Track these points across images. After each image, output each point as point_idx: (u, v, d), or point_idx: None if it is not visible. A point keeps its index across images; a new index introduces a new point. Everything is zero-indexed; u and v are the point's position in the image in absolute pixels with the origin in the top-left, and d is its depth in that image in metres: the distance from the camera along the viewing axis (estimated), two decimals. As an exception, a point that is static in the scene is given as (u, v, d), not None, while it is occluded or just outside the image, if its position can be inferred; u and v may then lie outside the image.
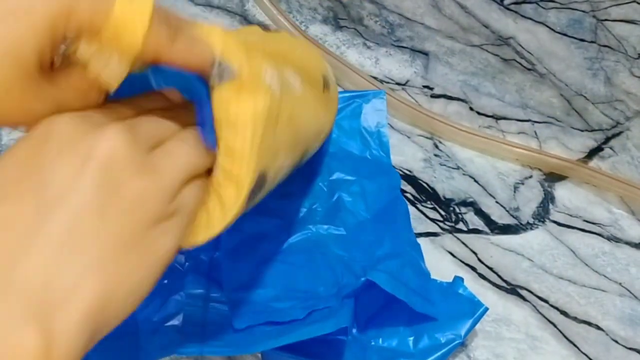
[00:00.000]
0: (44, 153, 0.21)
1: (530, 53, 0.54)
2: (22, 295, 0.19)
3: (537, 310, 0.44)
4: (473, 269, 0.46)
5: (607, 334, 0.44)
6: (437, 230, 0.47)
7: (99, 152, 0.22)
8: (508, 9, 0.56)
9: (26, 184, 0.21)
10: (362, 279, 0.37)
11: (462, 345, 0.42)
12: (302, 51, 0.36)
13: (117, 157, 0.22)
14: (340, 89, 0.52)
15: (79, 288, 0.20)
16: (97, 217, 0.21)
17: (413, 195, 0.48)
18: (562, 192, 0.49)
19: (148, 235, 0.23)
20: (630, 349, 0.43)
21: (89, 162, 0.21)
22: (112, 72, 0.23)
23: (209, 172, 0.26)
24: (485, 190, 0.49)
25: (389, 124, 0.51)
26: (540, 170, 0.50)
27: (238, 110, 0.24)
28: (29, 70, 0.21)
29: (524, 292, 0.45)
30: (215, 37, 0.24)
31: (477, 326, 0.43)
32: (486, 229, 0.47)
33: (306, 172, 0.43)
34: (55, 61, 0.23)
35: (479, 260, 0.46)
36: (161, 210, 0.23)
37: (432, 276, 0.44)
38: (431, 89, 0.53)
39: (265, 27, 0.39)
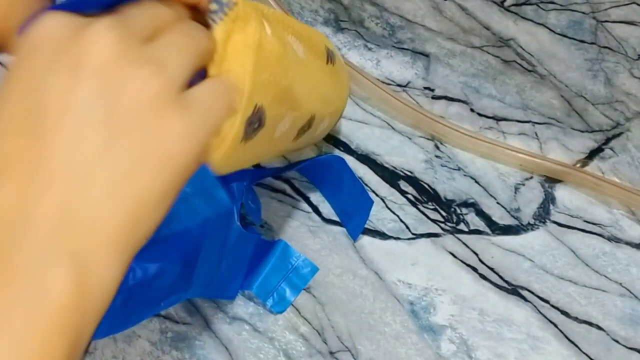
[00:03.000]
0: (32, 69, 0.20)
1: (530, 54, 0.54)
2: (45, 233, 0.18)
3: (538, 311, 0.44)
4: (474, 269, 0.46)
5: (607, 334, 0.44)
6: (439, 231, 0.47)
7: (88, 57, 0.19)
8: (508, 10, 0.56)
9: (22, 112, 0.19)
10: None
11: (463, 346, 0.42)
12: (304, 25, 0.37)
13: (111, 56, 0.20)
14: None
15: (100, 212, 0.19)
16: (102, 130, 0.19)
17: (414, 197, 0.48)
18: (563, 192, 0.49)
19: (163, 137, 0.20)
20: (630, 348, 0.43)
21: (81, 68, 0.19)
22: None
23: None
24: (486, 191, 0.49)
25: (390, 125, 0.51)
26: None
27: (232, 43, 0.24)
28: None
29: (525, 293, 0.45)
30: None
31: (479, 326, 0.43)
32: (487, 230, 0.47)
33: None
34: None
35: (480, 260, 0.46)
36: (171, 104, 0.21)
37: (432, 277, 0.45)
38: (432, 90, 0.53)
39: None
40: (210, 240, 0.38)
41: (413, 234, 0.47)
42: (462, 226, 0.47)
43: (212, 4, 0.24)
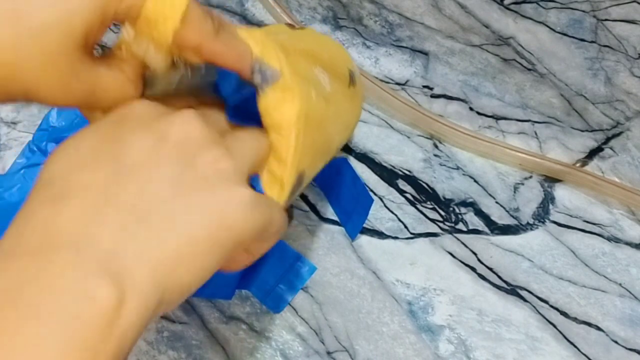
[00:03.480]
0: (122, 130, 0.22)
1: (530, 53, 0.54)
2: (95, 255, 0.20)
3: (537, 311, 0.44)
4: (473, 269, 0.45)
5: (607, 335, 0.44)
6: (437, 230, 0.47)
7: (175, 131, 0.23)
8: (508, 8, 0.56)
9: (104, 155, 0.22)
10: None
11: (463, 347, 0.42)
12: (329, 48, 0.37)
13: (191, 136, 0.23)
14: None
15: (151, 248, 0.20)
16: (171, 182, 0.22)
17: (413, 196, 0.48)
18: (562, 192, 0.49)
19: (225, 202, 0.22)
20: (630, 349, 0.43)
21: (164, 139, 0.22)
22: (152, 59, 0.24)
23: None
24: (485, 190, 0.48)
25: (388, 124, 0.51)
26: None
27: (283, 114, 0.25)
28: (76, 43, 0.21)
29: (523, 293, 0.45)
30: (253, 38, 0.25)
31: (477, 326, 0.43)
32: (486, 230, 0.47)
33: None
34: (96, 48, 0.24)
35: (479, 260, 0.46)
36: (238, 180, 0.23)
37: (430, 277, 0.44)
38: (431, 89, 0.52)
39: (291, 26, 0.39)
40: None
41: (411, 233, 0.47)
42: (460, 226, 0.47)
43: (255, 76, 0.25)
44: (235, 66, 0.25)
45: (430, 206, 0.48)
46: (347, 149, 0.49)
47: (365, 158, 0.49)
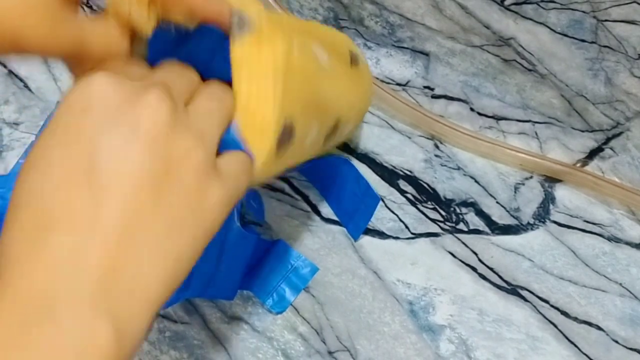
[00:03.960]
0: (87, 127, 0.21)
1: (530, 54, 0.54)
2: (88, 287, 0.19)
3: (538, 311, 0.44)
4: (474, 269, 0.46)
5: (607, 335, 0.44)
6: (438, 230, 0.47)
7: (145, 120, 0.21)
8: (509, 9, 0.56)
9: (76, 165, 0.20)
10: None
11: (463, 346, 0.42)
12: (328, 31, 0.37)
13: (161, 123, 0.21)
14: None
15: (143, 271, 0.20)
16: (152, 193, 0.21)
17: (414, 196, 0.48)
18: (563, 192, 0.49)
19: (203, 202, 0.22)
20: (630, 349, 0.43)
21: (136, 134, 0.21)
22: (137, 18, 0.24)
23: None
24: (486, 190, 0.49)
25: (389, 124, 0.51)
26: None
27: (260, 60, 0.25)
28: None
29: (524, 293, 0.45)
30: None
31: (478, 326, 0.43)
32: (487, 230, 0.47)
33: None
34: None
35: (480, 260, 0.46)
36: (211, 173, 0.23)
37: (431, 277, 0.44)
38: (432, 89, 0.53)
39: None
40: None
41: (412, 233, 0.47)
42: (461, 226, 0.47)
43: (232, 23, 0.24)
44: (215, 18, 0.25)
45: (431, 206, 0.48)
46: (348, 149, 0.49)
47: (366, 158, 0.49)
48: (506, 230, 0.47)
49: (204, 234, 0.22)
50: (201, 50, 0.27)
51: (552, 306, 0.45)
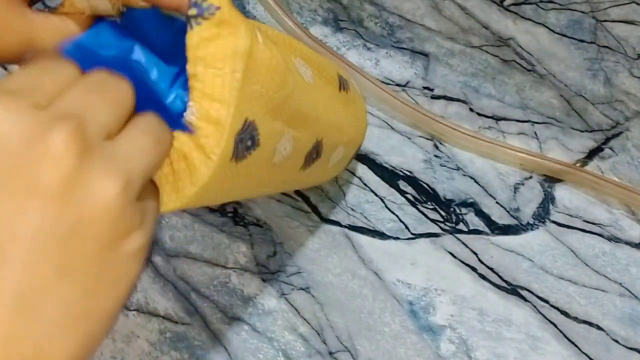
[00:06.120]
0: None
1: (530, 54, 0.54)
2: None
3: (538, 311, 0.44)
4: (473, 269, 0.46)
5: (607, 334, 0.44)
6: (438, 231, 0.47)
7: (46, 174, 0.18)
8: (508, 10, 0.56)
9: None
10: None
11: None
12: (314, 51, 0.35)
13: (67, 176, 0.18)
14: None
15: (47, 348, 0.18)
16: (59, 258, 0.18)
17: (413, 196, 0.48)
18: (562, 192, 0.49)
19: (119, 258, 0.20)
20: (630, 348, 0.43)
21: (34, 191, 0.18)
22: (98, 5, 0.22)
23: None
24: (486, 190, 0.49)
25: (389, 125, 0.51)
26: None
27: (218, 47, 0.23)
28: None
29: (524, 293, 0.45)
30: None
31: (478, 326, 0.43)
32: (486, 230, 0.47)
33: None
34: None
35: (480, 260, 0.46)
36: (128, 222, 0.20)
37: (431, 277, 0.44)
38: (431, 90, 0.53)
39: None
40: None
41: (412, 233, 0.47)
42: (461, 226, 0.47)
43: (191, 9, 0.23)
44: (174, 4, 0.23)
45: (431, 207, 0.48)
46: (348, 150, 0.50)
47: (366, 159, 0.49)
48: (506, 230, 0.47)
49: (124, 288, 0.20)
50: (159, 36, 0.24)
51: (552, 306, 0.45)
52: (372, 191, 0.48)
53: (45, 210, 0.18)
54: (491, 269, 0.46)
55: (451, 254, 0.46)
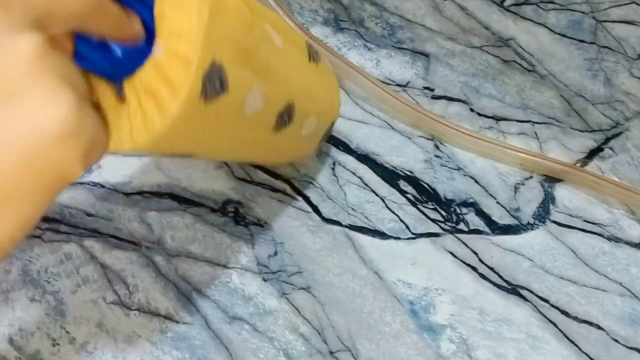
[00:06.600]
0: None
1: (530, 54, 0.54)
2: None
3: (538, 310, 0.44)
4: (474, 269, 0.46)
5: (607, 334, 0.44)
6: (438, 230, 0.47)
7: None
8: (508, 10, 0.56)
9: None
10: None
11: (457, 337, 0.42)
12: (285, 21, 0.36)
13: None
14: (341, 91, 0.52)
15: None
16: None
17: (414, 196, 0.48)
18: (563, 192, 0.49)
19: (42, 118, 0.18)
20: (630, 348, 0.43)
21: None
22: None
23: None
24: (486, 190, 0.49)
25: (390, 125, 0.51)
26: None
27: None
28: None
29: (524, 292, 0.45)
30: None
31: (478, 326, 0.43)
32: (487, 230, 0.47)
33: None
34: None
35: (480, 260, 0.46)
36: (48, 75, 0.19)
37: (432, 277, 0.44)
38: (432, 90, 0.53)
39: None
40: None
41: (413, 233, 0.47)
42: (462, 226, 0.47)
43: None
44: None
45: (432, 206, 0.48)
46: (349, 149, 0.50)
47: (366, 159, 0.49)
48: (506, 230, 0.47)
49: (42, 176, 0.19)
50: None
51: (552, 306, 0.45)
52: (373, 191, 0.48)
53: None
54: (491, 269, 0.46)
55: (452, 253, 0.46)
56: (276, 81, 0.31)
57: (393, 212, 0.48)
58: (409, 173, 0.49)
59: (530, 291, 0.45)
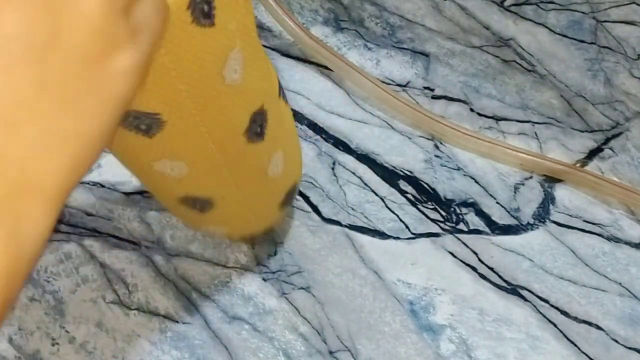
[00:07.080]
0: None
1: (530, 54, 0.54)
2: None
3: (538, 310, 0.44)
4: (474, 269, 0.46)
5: (607, 334, 0.44)
6: (438, 230, 0.47)
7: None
8: (508, 10, 0.56)
9: None
10: None
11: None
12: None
13: None
14: (342, 91, 0.52)
15: (34, 161, 0.17)
16: (36, 65, 0.17)
17: (414, 196, 0.48)
18: (562, 192, 0.49)
19: (104, 73, 0.18)
20: (630, 348, 0.43)
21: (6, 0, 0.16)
22: None
23: None
24: (486, 190, 0.49)
25: (390, 125, 0.51)
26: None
27: None
28: None
29: (524, 292, 0.45)
30: None
31: (478, 326, 0.43)
32: (487, 230, 0.47)
33: None
34: None
35: (480, 260, 0.46)
36: (115, 31, 0.18)
37: (432, 277, 0.44)
38: (432, 90, 0.53)
39: None
40: None
41: (413, 233, 0.47)
42: (461, 226, 0.47)
43: None
44: None
45: (432, 206, 0.48)
46: (349, 149, 0.50)
47: (366, 159, 0.49)
48: (506, 230, 0.47)
49: (113, 107, 0.19)
50: None
51: (552, 306, 0.45)
52: (373, 191, 0.48)
53: (20, 16, 0.16)
54: (491, 269, 0.46)
55: (451, 253, 0.46)
56: (256, 65, 0.30)
57: (393, 212, 0.48)
58: (408, 173, 0.49)
59: (530, 291, 0.45)
